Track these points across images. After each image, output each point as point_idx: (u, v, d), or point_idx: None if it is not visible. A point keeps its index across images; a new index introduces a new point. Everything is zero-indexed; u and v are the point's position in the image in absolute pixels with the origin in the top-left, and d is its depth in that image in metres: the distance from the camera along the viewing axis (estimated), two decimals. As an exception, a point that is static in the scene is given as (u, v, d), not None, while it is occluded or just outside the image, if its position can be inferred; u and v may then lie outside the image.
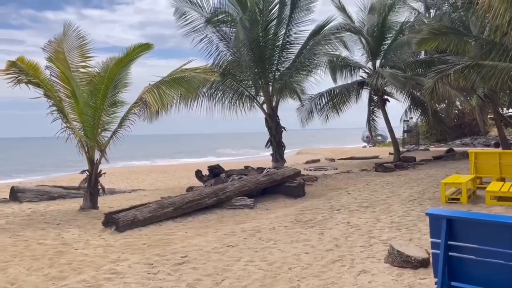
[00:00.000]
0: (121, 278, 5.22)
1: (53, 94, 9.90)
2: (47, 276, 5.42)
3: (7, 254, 6.51)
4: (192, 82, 10.61)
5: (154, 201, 9.13)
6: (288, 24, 15.10)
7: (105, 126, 10.46)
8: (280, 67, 15.54)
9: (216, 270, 5.43)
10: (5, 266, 5.88)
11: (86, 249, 6.70)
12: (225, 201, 9.77)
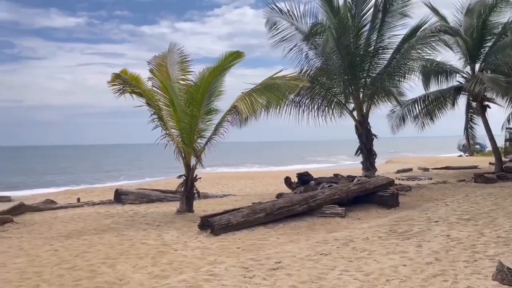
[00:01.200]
0: (218, 280, 5.40)
1: (154, 103, 10.60)
2: (151, 274, 5.77)
3: (114, 251, 7.04)
4: (281, 89, 10.76)
5: (246, 206, 9.34)
6: (380, 29, 14.71)
7: (201, 133, 10.94)
8: (371, 73, 15.18)
9: (310, 277, 5.42)
10: (114, 263, 6.35)
11: (185, 250, 7.03)
12: (316, 208, 9.71)
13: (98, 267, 6.12)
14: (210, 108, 11.06)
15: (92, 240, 7.98)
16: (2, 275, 5.91)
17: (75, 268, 6.13)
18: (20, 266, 6.33)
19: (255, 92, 10.59)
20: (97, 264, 6.28)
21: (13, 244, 7.92)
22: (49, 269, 6.11)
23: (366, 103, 15.40)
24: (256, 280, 5.37)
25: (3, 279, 5.74)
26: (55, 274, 5.85)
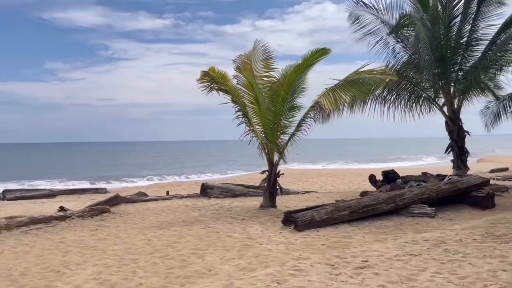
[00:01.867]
0: (304, 276, 5.41)
1: (239, 100, 10.84)
2: (238, 267, 5.91)
3: (203, 243, 7.31)
4: (366, 84, 10.48)
5: (330, 203, 9.25)
6: (474, 19, 13.76)
7: (284, 129, 10.99)
8: (463, 66, 14.27)
9: (400, 278, 5.25)
10: (203, 254, 6.61)
11: (269, 244, 7.12)
12: (403, 208, 9.36)
13: (188, 257, 6.40)
14: (293, 105, 11.07)
15: (182, 231, 8.36)
16: (103, 260, 6.39)
17: (167, 257, 6.47)
18: (118, 253, 6.80)
19: (339, 88, 10.43)
20: (187, 255, 6.56)
21: (111, 232, 8.53)
22: (144, 257, 6.50)
23: (457, 98, 14.53)
24: (342, 278, 5.30)
25: (104, 264, 6.20)
26: (149, 262, 6.21)
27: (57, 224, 9.39)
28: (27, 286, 5.27)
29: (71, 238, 8.05)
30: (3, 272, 5.88)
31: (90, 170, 40.31)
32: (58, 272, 5.84)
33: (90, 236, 8.22)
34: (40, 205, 14.14)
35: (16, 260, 6.53)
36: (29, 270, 5.96)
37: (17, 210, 12.44)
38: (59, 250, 7.09)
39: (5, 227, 8.77)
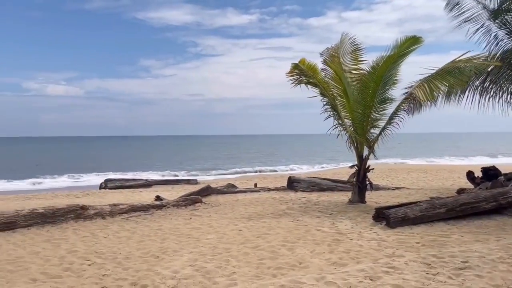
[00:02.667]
0: (399, 274, 5.22)
1: (328, 93, 10.71)
2: (328, 261, 5.87)
3: (292, 236, 7.35)
4: (465, 72, 9.81)
5: (424, 200, 8.83)
6: None
7: (373, 122, 10.68)
8: None
9: (505, 282, 4.88)
10: (292, 246, 6.65)
11: (360, 240, 6.98)
12: (506, 207, 8.70)
13: (278, 249, 6.48)
14: (384, 97, 10.70)
15: (271, 223, 8.48)
16: (198, 248, 6.68)
17: (258, 248, 6.59)
18: (211, 242, 7.06)
19: (435, 78, 9.89)
20: (277, 246, 6.64)
21: (203, 221, 8.89)
22: (235, 247, 6.69)
23: None
24: (440, 278, 5.05)
25: (199, 252, 6.47)
26: (241, 252, 6.38)
27: (154, 213, 9.97)
28: (131, 268, 5.66)
29: (168, 226, 8.51)
30: (110, 255, 6.37)
31: (182, 162, 42.28)
32: (158, 257, 6.21)
33: (185, 224, 8.62)
34: (138, 194, 15.11)
35: (120, 244, 7.04)
36: (132, 254, 6.40)
37: (118, 198, 13.42)
38: (157, 237, 7.52)
39: (109, 213, 9.49)
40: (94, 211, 9.35)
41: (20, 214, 8.41)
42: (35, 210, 8.72)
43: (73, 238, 7.53)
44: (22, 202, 13.06)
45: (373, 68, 10.72)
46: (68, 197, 14.56)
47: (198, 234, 7.70)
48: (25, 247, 6.87)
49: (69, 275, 5.45)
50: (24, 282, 5.15)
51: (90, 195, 15.40)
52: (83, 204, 9.47)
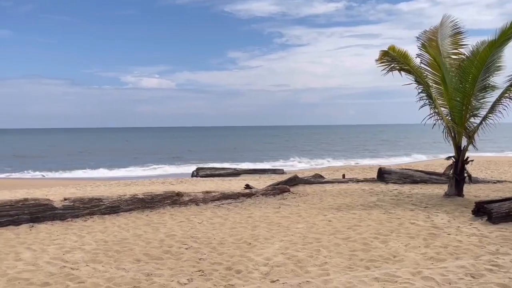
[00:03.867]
0: (504, 272, 4.88)
1: (423, 80, 10.20)
2: (425, 255, 5.63)
3: (384, 228, 7.16)
4: None
5: (531, 195, 8.13)
6: None
7: (473, 111, 10.00)
8: None
9: None
10: (385, 239, 6.47)
11: (459, 235, 6.61)
12: None
13: (371, 241, 6.34)
14: (486, 84, 9.98)
15: (361, 215, 8.32)
16: (288, 237, 6.75)
17: (349, 239, 6.51)
18: (301, 231, 7.10)
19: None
20: (369, 238, 6.51)
21: (292, 211, 8.95)
22: (326, 237, 6.66)
23: None
24: (553, 280, 4.63)
25: (289, 240, 6.54)
26: (332, 242, 6.34)
27: (244, 201, 10.23)
28: (225, 254, 5.87)
29: (258, 214, 8.69)
30: (205, 240, 6.66)
31: (267, 151, 42.85)
32: (250, 244, 6.37)
33: (274, 213, 8.75)
34: (228, 183, 15.59)
35: (214, 230, 7.33)
36: (225, 240, 6.64)
37: (209, 186, 13.96)
38: (249, 224, 7.72)
39: (202, 200, 9.91)
40: (188, 198, 9.82)
41: (123, 199, 9.07)
42: (135, 195, 9.35)
43: (170, 222, 7.98)
44: (123, 188, 14.06)
45: (474, 53, 10.03)
46: (164, 184, 15.42)
47: (288, 223, 7.78)
48: (129, 230, 7.40)
49: (169, 257, 5.78)
50: (129, 262, 5.56)
51: (183, 182, 16.18)
52: (179, 191, 9.98)
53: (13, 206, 7.82)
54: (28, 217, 7.82)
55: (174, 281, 4.79)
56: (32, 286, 4.64)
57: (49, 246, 6.31)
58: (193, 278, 4.89)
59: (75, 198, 8.70)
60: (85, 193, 11.78)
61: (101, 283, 4.72)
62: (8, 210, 7.70)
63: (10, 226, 7.49)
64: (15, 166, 28.41)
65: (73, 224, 7.85)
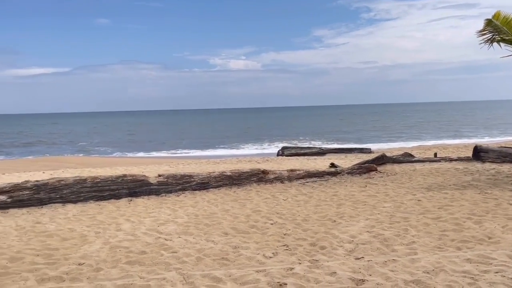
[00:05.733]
0: None
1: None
2: (525, 238, 5.24)
3: (479, 209, 6.75)
4: None
5: None
6: None
7: None
8: None
9: None
10: (479, 220, 6.11)
11: None
12: None
13: (463, 222, 6.03)
14: None
15: (454, 194, 7.91)
16: (374, 215, 6.63)
17: (440, 219, 6.24)
18: (388, 210, 6.93)
19: None
20: (461, 219, 6.18)
21: (379, 190, 8.74)
22: (414, 216, 6.44)
23: None
24: None
25: (375, 219, 6.42)
26: (421, 222, 6.12)
27: (329, 179, 10.17)
28: (309, 230, 5.92)
29: (343, 192, 8.61)
30: (289, 216, 6.76)
31: (353, 131, 41.97)
32: (334, 221, 6.36)
33: (360, 192, 8.61)
34: (313, 161, 15.57)
35: (298, 207, 7.41)
36: (309, 217, 6.69)
37: (294, 165, 14.05)
38: (333, 202, 7.69)
39: (287, 178, 10.02)
40: (273, 176, 9.98)
41: (212, 176, 9.46)
42: (224, 173, 9.70)
43: (256, 199, 8.19)
44: (212, 166, 14.63)
45: None
46: (250, 163, 15.79)
47: (374, 202, 7.62)
48: (217, 205, 7.73)
49: (255, 231, 5.96)
50: (218, 235, 5.82)
51: (269, 161, 16.45)
52: (264, 169, 10.17)
53: (114, 181, 8.52)
54: (127, 192, 8.47)
55: (260, 254, 4.95)
56: (131, 254, 5.06)
57: (146, 219, 6.80)
58: (278, 252, 5.01)
59: (168, 174, 9.24)
60: (177, 171, 12.44)
61: (192, 254, 5.01)
62: (110, 185, 8.41)
63: (111, 200, 8.18)
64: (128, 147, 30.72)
65: (166, 198, 8.36)
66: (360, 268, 4.39)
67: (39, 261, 4.85)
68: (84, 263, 4.73)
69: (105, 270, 4.53)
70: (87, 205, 7.85)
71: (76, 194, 8.09)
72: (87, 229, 6.18)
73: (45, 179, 8.38)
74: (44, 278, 4.33)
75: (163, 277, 4.30)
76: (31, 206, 7.62)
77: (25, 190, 7.82)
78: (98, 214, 7.14)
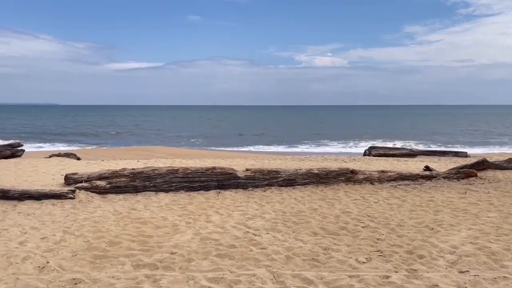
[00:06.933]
0: None
1: None
2: None
3: None
4: None
5: None
6: None
7: None
8: None
9: None
10: None
11: None
12: None
13: None
14: None
15: None
16: (478, 225, 6.07)
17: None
18: (493, 221, 6.32)
19: None
20: None
21: (481, 198, 8.04)
22: (525, 230, 5.80)
23: None
24: None
25: (479, 229, 5.87)
26: (534, 237, 5.49)
27: (424, 183, 9.56)
28: (405, 237, 5.55)
29: (440, 198, 8.03)
30: (382, 220, 6.41)
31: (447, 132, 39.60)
32: (432, 229, 5.91)
33: (459, 198, 7.97)
34: (403, 163, 14.80)
35: (391, 211, 7.01)
36: (404, 222, 6.28)
37: (383, 165, 13.45)
38: (430, 208, 7.18)
39: (377, 179, 9.58)
40: (363, 176, 9.59)
41: (299, 173, 9.31)
42: (311, 170, 9.50)
43: (345, 199, 7.90)
44: (298, 162, 14.47)
45: None
46: (337, 161, 15.40)
47: (476, 210, 7.00)
48: (304, 203, 7.57)
49: (345, 233, 5.72)
50: (306, 234, 5.66)
51: (356, 160, 15.93)
52: (353, 169, 9.82)
53: (204, 173, 8.68)
54: (216, 184, 8.59)
55: (352, 258, 4.72)
56: (221, 246, 5.06)
57: (234, 212, 6.82)
58: (372, 258, 4.74)
59: (256, 169, 9.24)
60: (263, 165, 12.45)
61: (281, 251, 4.90)
62: (200, 177, 8.59)
63: (201, 191, 8.35)
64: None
65: (253, 193, 8.36)
66: (466, 283, 4.01)
67: (134, 247, 5.02)
68: (176, 253, 4.82)
69: (196, 261, 4.57)
70: (178, 195, 8.07)
71: (168, 184, 8.36)
72: (178, 219, 6.33)
73: (140, 168, 8.77)
74: (140, 264, 4.46)
75: (253, 273, 4.24)
76: (126, 193, 8.00)
77: (122, 177, 8.23)
78: (188, 205, 7.30)
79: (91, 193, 7.78)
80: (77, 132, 42.74)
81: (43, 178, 9.47)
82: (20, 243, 5.08)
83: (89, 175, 8.40)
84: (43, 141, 31.90)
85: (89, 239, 5.25)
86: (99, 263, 4.50)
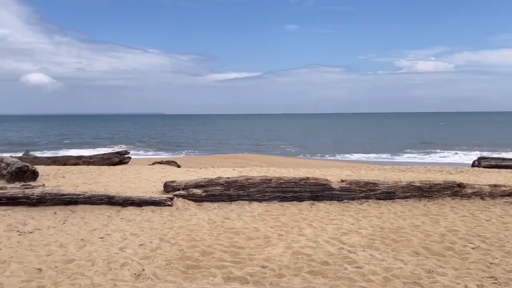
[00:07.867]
0: None
1: None
2: None
3: None
4: None
5: None
6: None
7: None
8: None
9: None
10: None
11: None
12: None
13: None
14: None
15: None
16: None
17: None
18: None
19: None
20: None
21: None
22: None
23: None
24: None
25: None
26: None
27: (545, 200, 8.45)
28: None
29: None
30: (495, 241, 5.70)
31: None
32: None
33: None
34: (519, 176, 13.32)
35: (506, 231, 6.22)
36: None
37: (496, 179, 12.21)
38: (553, 230, 6.28)
39: (488, 194, 8.67)
40: (471, 190, 8.74)
41: (399, 186, 8.73)
42: (412, 183, 8.87)
43: (451, 216, 7.22)
44: (398, 173, 13.70)
45: None
46: (441, 173, 14.34)
47: None
48: (405, 218, 7.04)
49: (452, 255, 5.17)
50: (407, 254, 5.21)
51: (463, 172, 14.70)
52: (460, 182, 8.99)
53: (297, 183, 8.50)
54: (309, 195, 8.36)
55: (461, 284, 4.22)
56: (313, 262, 4.83)
57: (328, 225, 6.54)
58: (484, 285, 4.20)
59: (351, 180, 8.85)
60: (359, 176, 11.96)
61: (379, 272, 4.54)
62: (293, 187, 8.42)
63: (294, 201, 8.17)
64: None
65: (349, 206, 7.99)
66: None
67: (226, 258, 4.98)
68: (267, 266, 4.68)
69: (287, 277, 4.40)
70: (271, 205, 7.98)
71: (262, 193, 8.31)
72: (270, 230, 6.21)
73: (234, 177, 8.83)
74: (230, 277, 4.39)
75: (347, 295, 3.95)
76: (221, 201, 8.09)
77: (217, 186, 8.35)
78: (281, 215, 7.17)
79: (188, 200, 7.99)
80: (179, 140, 45.11)
81: (144, 185, 9.95)
82: (120, 248, 5.30)
83: (186, 183, 8.64)
84: (148, 148, 34.13)
85: (183, 248, 5.33)
86: (191, 273, 4.51)
